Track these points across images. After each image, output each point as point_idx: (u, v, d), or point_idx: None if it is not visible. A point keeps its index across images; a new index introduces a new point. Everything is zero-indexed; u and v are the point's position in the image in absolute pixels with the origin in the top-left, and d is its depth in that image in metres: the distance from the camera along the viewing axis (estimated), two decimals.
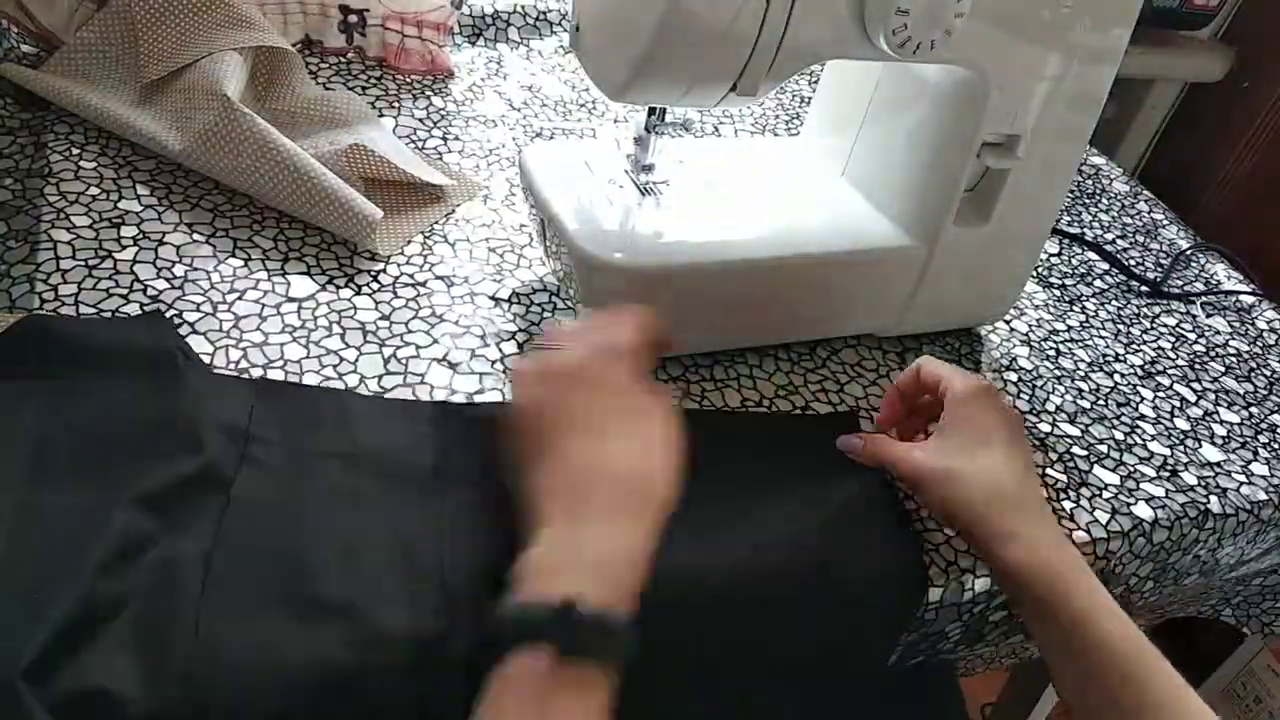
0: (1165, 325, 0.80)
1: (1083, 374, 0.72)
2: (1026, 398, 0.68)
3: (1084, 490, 0.62)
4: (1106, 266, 0.85)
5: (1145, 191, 0.98)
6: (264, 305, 0.59)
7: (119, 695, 0.38)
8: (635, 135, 0.61)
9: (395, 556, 0.46)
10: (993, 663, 0.71)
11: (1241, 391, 0.74)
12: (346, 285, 0.62)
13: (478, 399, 0.56)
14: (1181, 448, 0.67)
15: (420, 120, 0.78)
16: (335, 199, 0.63)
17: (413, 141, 0.76)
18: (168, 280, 0.58)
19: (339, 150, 0.67)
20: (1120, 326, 0.78)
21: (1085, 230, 0.89)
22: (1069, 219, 0.91)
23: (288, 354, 0.56)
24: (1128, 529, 0.60)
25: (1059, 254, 0.85)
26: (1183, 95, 1.40)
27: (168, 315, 0.56)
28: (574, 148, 0.66)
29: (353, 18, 0.81)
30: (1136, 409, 0.70)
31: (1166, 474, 0.64)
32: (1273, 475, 0.67)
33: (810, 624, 0.51)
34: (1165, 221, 0.94)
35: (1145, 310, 0.81)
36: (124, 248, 0.60)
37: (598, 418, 0.45)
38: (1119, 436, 0.67)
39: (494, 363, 0.59)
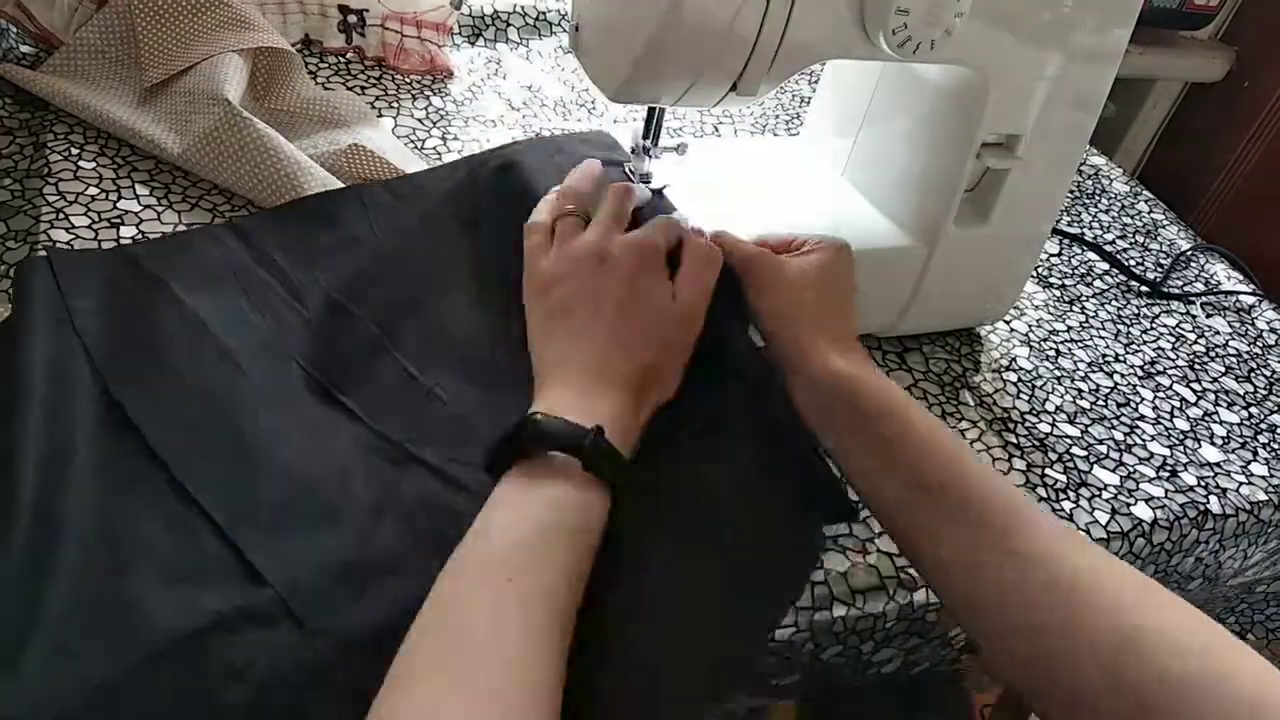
0: (1165, 325, 0.80)
1: (1082, 374, 0.72)
2: (1026, 398, 0.68)
3: (1084, 490, 0.62)
4: (1106, 267, 0.85)
5: (1145, 191, 0.98)
6: None
7: None
8: (632, 145, 0.61)
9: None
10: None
11: (1241, 392, 0.74)
12: None
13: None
14: (1181, 448, 0.67)
15: (419, 120, 0.78)
16: None
17: (412, 141, 0.75)
18: None
19: (338, 151, 0.67)
20: (1120, 327, 0.78)
21: (1085, 230, 0.89)
22: (1069, 219, 0.91)
23: None
24: (1127, 529, 0.60)
25: (1059, 254, 0.85)
26: (1183, 95, 1.40)
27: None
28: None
29: (352, 17, 0.81)
30: (1136, 409, 0.70)
31: (1166, 474, 0.64)
32: (1272, 476, 0.67)
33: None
34: (1165, 222, 0.94)
35: (1145, 310, 0.81)
36: None
37: (614, 296, 0.49)
38: (1119, 437, 0.67)
39: None
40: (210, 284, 0.57)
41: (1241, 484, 0.65)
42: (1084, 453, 0.65)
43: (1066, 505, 0.60)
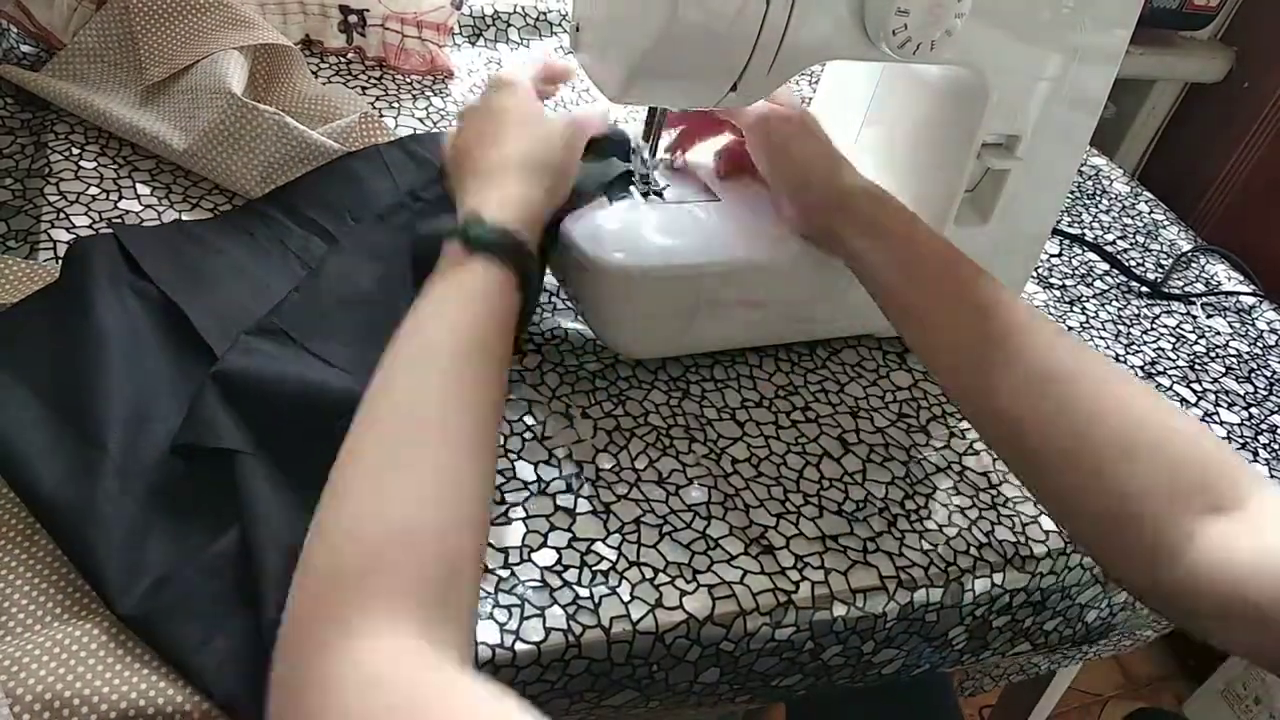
0: (1165, 326, 0.80)
1: None
2: None
3: None
4: (1107, 267, 0.85)
5: (1145, 192, 0.98)
6: None
7: None
8: (633, 144, 0.61)
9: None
10: (1000, 679, 0.70)
11: (1242, 392, 0.74)
12: None
13: None
14: None
15: (420, 120, 0.78)
16: None
17: None
18: None
19: (351, 123, 0.68)
20: (1120, 327, 0.78)
21: (1085, 231, 0.89)
22: (1069, 219, 0.91)
23: None
24: None
25: (1059, 254, 0.85)
26: (1183, 95, 1.40)
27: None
28: None
29: (353, 18, 0.81)
30: None
31: None
32: (1273, 476, 0.67)
33: None
34: (1165, 222, 0.94)
35: (1145, 311, 0.81)
36: None
37: (497, 130, 0.56)
38: None
39: None
40: (263, 255, 0.61)
41: None
42: None
43: None
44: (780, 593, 0.51)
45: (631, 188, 0.61)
